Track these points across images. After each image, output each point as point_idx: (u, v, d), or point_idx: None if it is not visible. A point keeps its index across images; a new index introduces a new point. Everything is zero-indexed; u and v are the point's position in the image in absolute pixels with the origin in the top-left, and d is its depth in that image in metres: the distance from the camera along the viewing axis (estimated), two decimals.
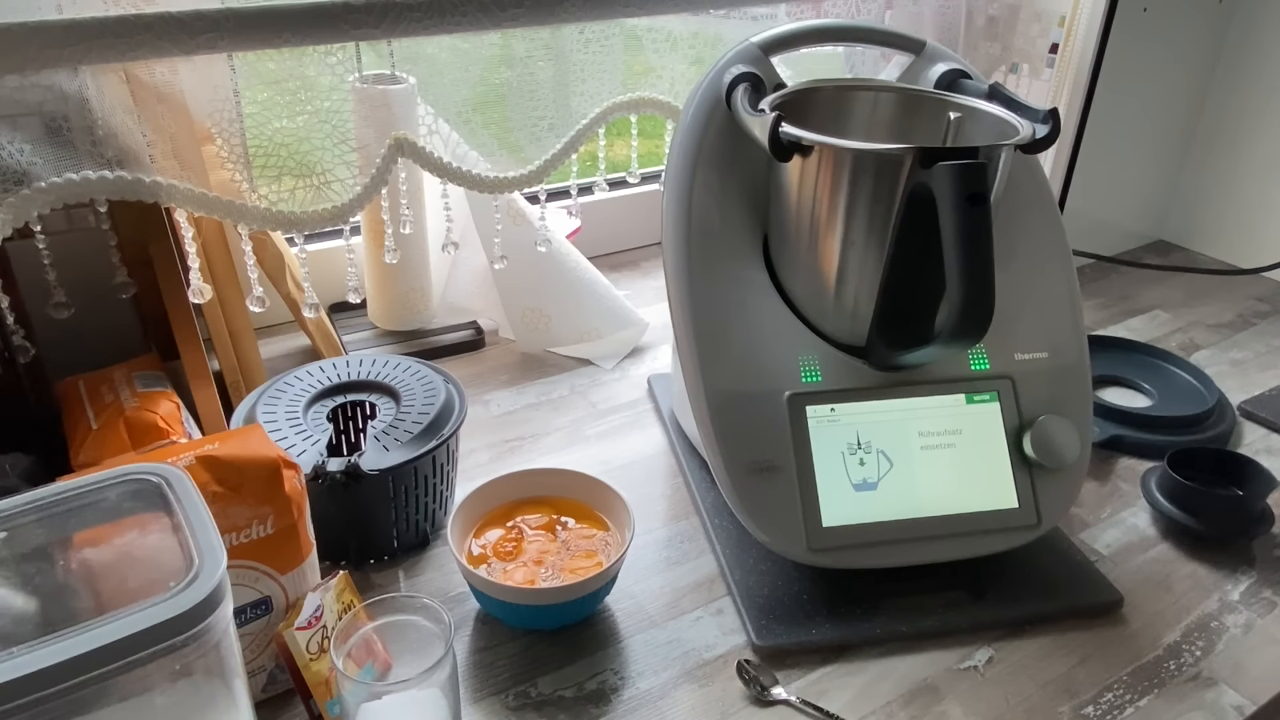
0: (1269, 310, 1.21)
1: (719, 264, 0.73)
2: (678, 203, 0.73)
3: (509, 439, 0.92)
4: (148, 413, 0.74)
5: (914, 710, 0.64)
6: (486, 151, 0.89)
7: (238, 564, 0.57)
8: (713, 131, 0.74)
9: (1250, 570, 0.77)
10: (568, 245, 1.05)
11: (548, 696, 0.64)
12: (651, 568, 0.76)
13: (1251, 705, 0.65)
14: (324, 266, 1.08)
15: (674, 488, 0.86)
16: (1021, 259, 0.76)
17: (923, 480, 0.71)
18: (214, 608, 0.43)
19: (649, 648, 0.69)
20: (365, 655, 0.57)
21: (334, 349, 0.99)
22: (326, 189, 0.81)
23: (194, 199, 0.75)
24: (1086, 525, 0.82)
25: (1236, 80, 1.27)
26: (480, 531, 0.72)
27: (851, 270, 0.70)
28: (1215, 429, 0.93)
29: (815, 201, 0.69)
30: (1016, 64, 1.16)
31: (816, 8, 1.06)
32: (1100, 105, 1.17)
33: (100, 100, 0.70)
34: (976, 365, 0.74)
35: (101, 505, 0.48)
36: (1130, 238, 1.38)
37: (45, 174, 0.68)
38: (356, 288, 0.88)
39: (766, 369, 0.71)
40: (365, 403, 0.78)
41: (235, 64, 0.75)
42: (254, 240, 0.84)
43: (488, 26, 0.80)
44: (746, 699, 0.65)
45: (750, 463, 0.69)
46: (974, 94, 0.75)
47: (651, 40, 0.93)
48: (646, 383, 1.01)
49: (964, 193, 0.60)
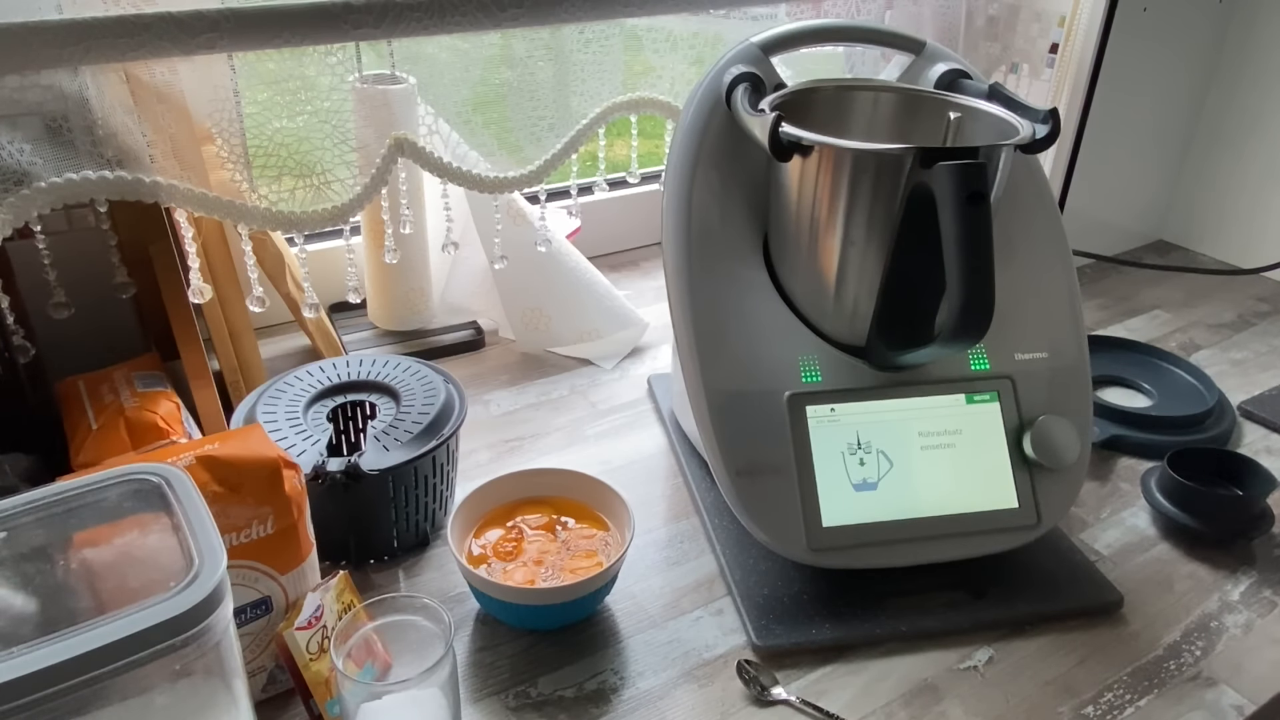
0: (1269, 310, 1.21)
1: (719, 264, 0.73)
2: (678, 203, 0.73)
3: (509, 439, 0.92)
4: (148, 413, 0.74)
5: (914, 710, 0.64)
6: (486, 151, 0.89)
7: (238, 564, 0.57)
8: (713, 131, 0.74)
9: (1250, 570, 0.77)
10: (568, 245, 1.05)
11: (548, 696, 0.64)
12: (651, 568, 0.76)
13: (1251, 705, 0.65)
14: (324, 266, 1.08)
15: (674, 488, 0.86)
16: (1021, 259, 0.76)
17: (923, 480, 0.71)
18: (214, 608, 0.43)
19: (649, 648, 0.69)
20: (365, 655, 0.57)
21: (334, 349, 0.99)
22: (326, 189, 0.81)
23: (194, 199, 0.76)
24: (1086, 525, 0.82)
25: (1237, 80, 1.27)
26: (480, 531, 0.72)
27: (851, 270, 0.70)
28: (1215, 429, 0.93)
29: (815, 201, 0.69)
30: (1016, 64, 1.16)
31: (816, 8, 1.06)
32: (1100, 105, 1.17)
33: (100, 100, 0.70)
34: (976, 365, 0.74)
35: (101, 505, 0.48)
36: (1130, 238, 1.38)
37: (45, 174, 0.68)
38: (356, 288, 0.88)
39: (766, 369, 0.71)
40: (365, 403, 0.78)
41: (235, 64, 0.75)
42: (254, 240, 0.84)
43: (488, 26, 0.80)
44: (746, 699, 0.65)
45: (750, 463, 0.69)
46: (974, 94, 0.75)
47: (651, 40, 0.93)
48: (646, 383, 1.01)
49: (964, 193, 0.60)
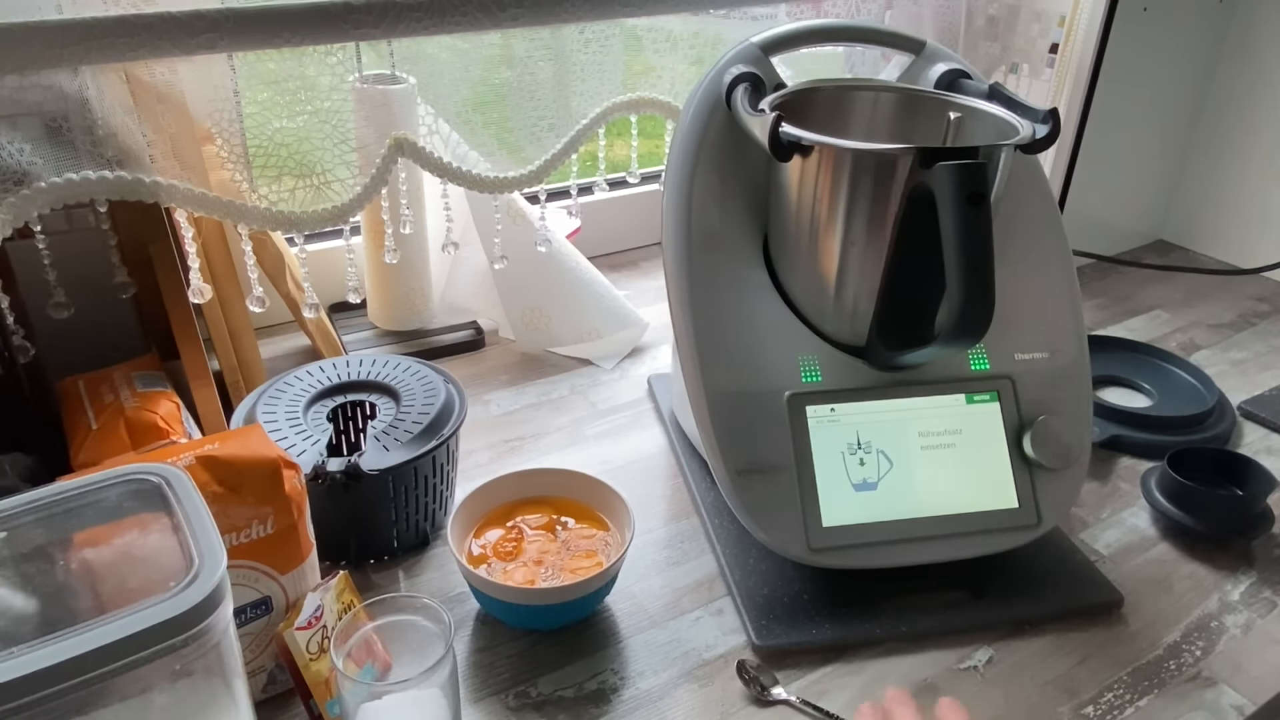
0: (1269, 310, 1.21)
1: (719, 264, 0.73)
2: (678, 203, 0.73)
3: (509, 439, 0.92)
4: (148, 413, 0.74)
5: None
6: (486, 151, 0.89)
7: (238, 564, 0.57)
8: (713, 131, 0.74)
9: (1250, 570, 0.77)
10: (568, 245, 1.05)
11: (548, 696, 0.64)
12: (651, 568, 0.76)
13: (1251, 705, 0.65)
14: (324, 266, 1.08)
15: (674, 488, 0.86)
16: (1021, 259, 0.76)
17: (923, 480, 0.71)
18: (214, 608, 0.43)
19: (649, 648, 0.69)
20: (365, 655, 0.57)
21: (334, 349, 0.99)
22: (326, 189, 0.81)
23: (194, 199, 0.76)
24: (1086, 525, 0.82)
25: (1237, 80, 1.27)
26: (480, 531, 0.72)
27: (851, 270, 0.70)
28: (1215, 429, 0.93)
29: (815, 201, 0.69)
30: (1016, 64, 1.16)
31: (816, 8, 1.06)
32: (1100, 105, 1.17)
33: (100, 100, 0.70)
34: (976, 365, 0.74)
35: (101, 505, 0.48)
36: (1130, 238, 1.38)
37: (45, 174, 0.68)
38: (356, 288, 0.88)
39: (766, 369, 0.71)
40: (365, 403, 0.78)
41: (235, 64, 0.75)
42: (254, 240, 0.84)
43: (488, 26, 0.80)
44: (746, 699, 0.65)
45: (750, 463, 0.69)
46: (974, 94, 0.75)
47: (651, 40, 0.93)
48: (646, 383, 1.01)
49: (964, 193, 0.60)
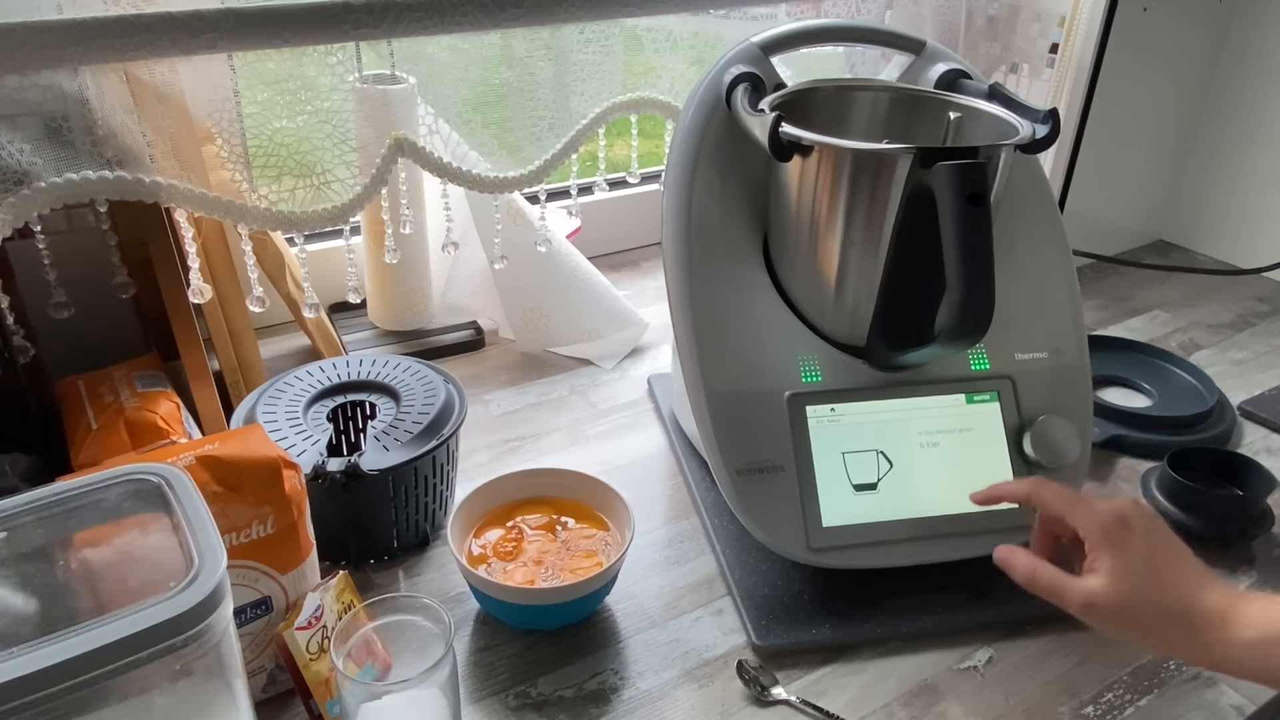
0: (1269, 310, 1.21)
1: (719, 264, 0.73)
2: (678, 203, 0.73)
3: (509, 439, 0.92)
4: (148, 413, 0.74)
5: (914, 710, 0.64)
6: (486, 151, 0.89)
7: (238, 564, 0.57)
8: (713, 131, 0.74)
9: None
10: (568, 245, 1.05)
11: (548, 696, 0.64)
12: (651, 568, 0.76)
13: (1251, 705, 0.65)
14: (324, 266, 1.08)
15: (674, 488, 0.86)
16: (1021, 259, 0.76)
17: (923, 480, 0.71)
18: (214, 608, 0.43)
19: (649, 648, 0.69)
20: (365, 655, 0.57)
21: (334, 349, 0.99)
22: (326, 189, 0.81)
23: (194, 199, 0.76)
24: None
25: (1237, 80, 1.27)
26: (480, 531, 0.72)
27: (851, 270, 0.70)
28: (1215, 429, 0.93)
29: (815, 201, 0.69)
30: (1016, 64, 1.16)
31: (816, 8, 1.06)
32: (1100, 105, 1.17)
33: (100, 100, 0.70)
34: (976, 365, 0.74)
35: (101, 505, 0.48)
36: (1130, 238, 1.38)
37: (45, 174, 0.69)
38: (356, 288, 0.88)
39: (766, 369, 0.71)
40: (365, 403, 0.78)
41: (235, 64, 0.75)
42: (254, 240, 0.84)
43: (488, 26, 0.80)
44: (746, 699, 0.65)
45: (750, 463, 0.69)
46: (974, 94, 0.75)
47: (651, 40, 0.93)
48: (646, 383, 1.01)
49: (964, 193, 0.60)
